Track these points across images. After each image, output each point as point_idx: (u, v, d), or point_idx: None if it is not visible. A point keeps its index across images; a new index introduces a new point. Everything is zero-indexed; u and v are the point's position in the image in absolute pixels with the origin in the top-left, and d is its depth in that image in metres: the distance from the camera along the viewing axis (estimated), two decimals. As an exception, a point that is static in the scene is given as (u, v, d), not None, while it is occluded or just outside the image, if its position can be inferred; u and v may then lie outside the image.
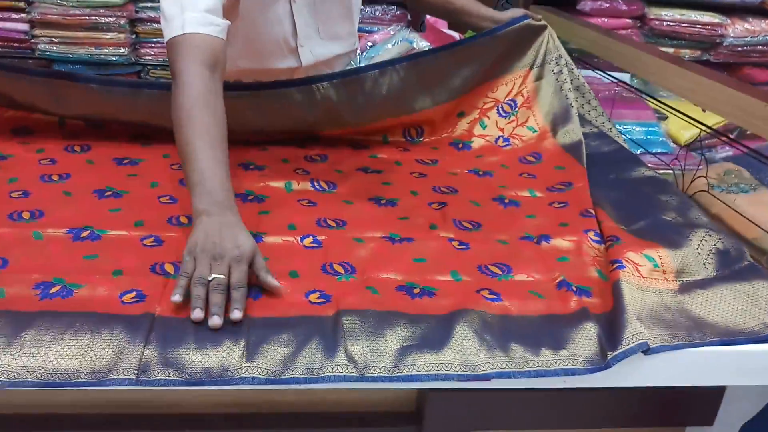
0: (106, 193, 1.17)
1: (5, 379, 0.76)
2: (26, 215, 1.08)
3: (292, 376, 0.80)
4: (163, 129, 1.23)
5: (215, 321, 0.83)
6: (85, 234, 1.04)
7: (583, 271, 1.04)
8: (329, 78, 1.38)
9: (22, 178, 1.20)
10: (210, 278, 0.87)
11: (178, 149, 1.01)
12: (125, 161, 1.30)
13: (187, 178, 0.99)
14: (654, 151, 2.02)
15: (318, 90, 1.37)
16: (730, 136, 1.56)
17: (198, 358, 0.80)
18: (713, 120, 1.57)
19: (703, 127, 1.48)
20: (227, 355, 0.81)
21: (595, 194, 1.25)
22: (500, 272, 1.02)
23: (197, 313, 0.84)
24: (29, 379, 0.77)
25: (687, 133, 2.21)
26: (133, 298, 0.89)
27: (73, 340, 0.80)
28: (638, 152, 1.64)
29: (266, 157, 1.37)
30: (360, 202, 1.22)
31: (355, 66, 1.68)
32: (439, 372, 0.82)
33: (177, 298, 0.85)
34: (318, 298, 0.93)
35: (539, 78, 1.49)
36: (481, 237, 1.12)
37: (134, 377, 0.78)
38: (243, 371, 0.79)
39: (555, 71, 1.49)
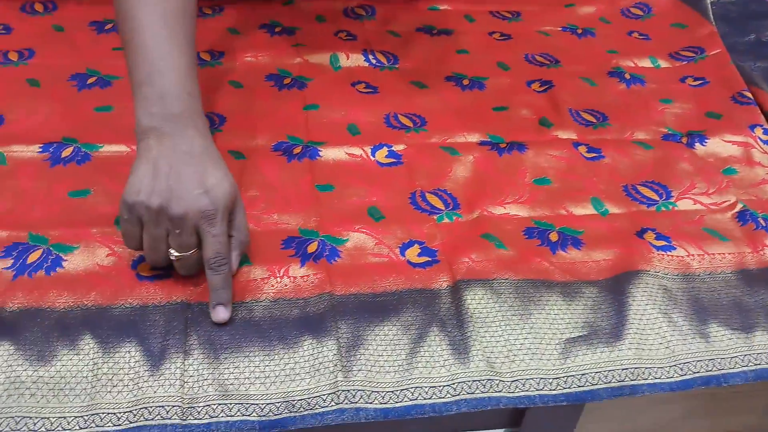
0: (89, 81, 0.83)
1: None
2: (-23, 123, 0.75)
3: (412, 402, 0.53)
4: None
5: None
6: (67, 153, 0.71)
7: (763, 191, 0.75)
8: None
9: (-36, 59, 0.84)
10: (170, 254, 0.57)
11: (117, 23, 0.65)
12: (108, 26, 0.93)
13: (130, 74, 0.63)
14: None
15: None
16: None
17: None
18: None
19: None
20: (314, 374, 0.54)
21: (741, 66, 0.93)
22: (656, 197, 0.73)
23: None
24: None
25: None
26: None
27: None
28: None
29: (294, 14, 1.01)
30: (435, 83, 0.89)
31: None
32: (622, 382, 0.56)
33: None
34: (419, 255, 0.64)
35: None
36: (613, 137, 0.82)
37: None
38: (338, 400, 0.53)
39: None
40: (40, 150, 0.72)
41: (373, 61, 0.92)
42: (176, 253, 0.56)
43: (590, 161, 0.78)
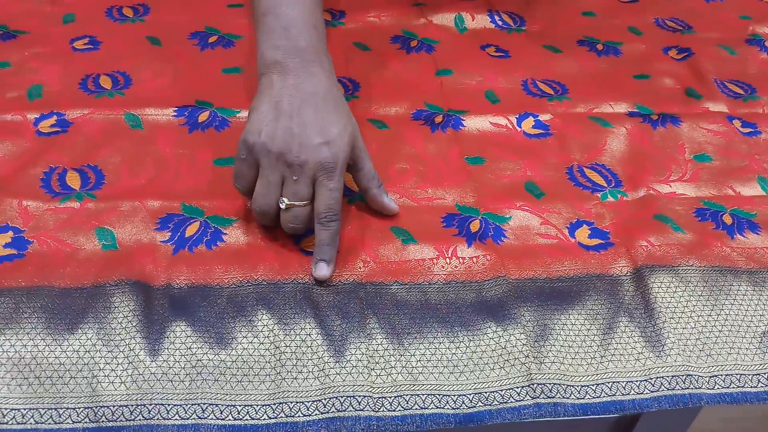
0: (210, 39, 0.79)
1: None
2: (106, 83, 0.71)
3: (610, 398, 0.50)
4: None
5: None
6: (203, 118, 0.68)
7: None
8: None
9: (81, 15, 0.80)
10: (282, 204, 0.54)
11: None
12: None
13: (253, 4, 0.60)
14: None
15: None
16: None
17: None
18: None
19: None
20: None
21: None
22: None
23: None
24: None
25: None
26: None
27: None
28: None
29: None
30: (568, 48, 0.84)
31: None
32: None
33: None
34: (589, 236, 0.60)
35: None
36: (766, 111, 0.76)
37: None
38: (533, 393, 0.50)
39: None
40: (175, 114, 0.68)
41: (500, 23, 0.87)
42: (288, 201, 0.53)
43: (747, 137, 0.73)
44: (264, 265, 0.55)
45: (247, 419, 0.47)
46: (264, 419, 0.47)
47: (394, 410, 0.48)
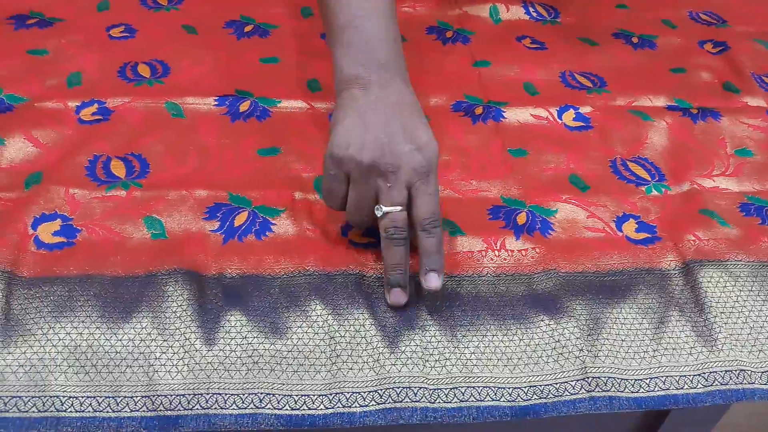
0: (246, 29, 0.79)
1: None
2: (144, 71, 0.71)
3: (664, 392, 0.50)
4: None
5: (396, 297, 0.52)
6: (245, 107, 0.68)
7: None
8: None
9: (115, 2, 0.80)
10: (378, 211, 0.52)
11: None
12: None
13: (329, 17, 0.58)
14: None
15: None
16: None
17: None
18: None
19: None
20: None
21: None
22: None
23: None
24: None
25: None
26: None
27: None
28: None
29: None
30: (604, 40, 0.84)
31: None
32: None
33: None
34: (636, 230, 0.60)
35: None
36: (806, 107, 0.76)
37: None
38: (588, 387, 0.50)
39: None
40: (216, 103, 0.68)
41: (534, 14, 0.87)
42: (385, 208, 0.51)
43: (788, 132, 0.73)
44: (314, 256, 0.55)
45: (304, 409, 0.47)
46: (321, 409, 0.47)
47: (450, 402, 0.48)
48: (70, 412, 0.45)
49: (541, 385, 0.49)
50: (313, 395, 0.48)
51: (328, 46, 0.60)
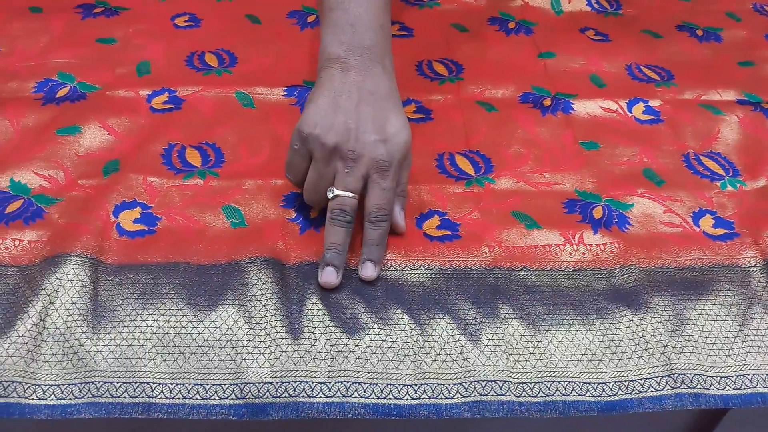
0: (308, 19, 0.79)
1: None
2: (211, 60, 0.71)
3: (752, 390, 0.49)
4: None
5: (327, 276, 0.51)
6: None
7: None
8: None
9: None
10: (330, 192, 0.53)
11: None
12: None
13: (319, 0, 0.59)
14: None
15: None
16: None
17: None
18: None
19: None
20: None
21: None
22: None
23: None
24: None
25: None
26: None
27: None
28: None
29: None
30: (668, 33, 0.83)
31: None
32: None
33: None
34: (714, 226, 0.60)
35: None
36: None
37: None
38: (674, 383, 0.49)
39: None
40: (285, 93, 0.68)
41: (596, 6, 0.86)
42: (337, 191, 0.52)
43: None
44: (391, 250, 0.55)
45: (390, 398, 0.47)
46: (406, 399, 0.47)
47: (536, 396, 0.48)
48: (161, 398, 0.46)
49: (626, 381, 0.49)
50: (399, 385, 0.48)
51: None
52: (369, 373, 0.48)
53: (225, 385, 0.47)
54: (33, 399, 0.45)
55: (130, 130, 0.63)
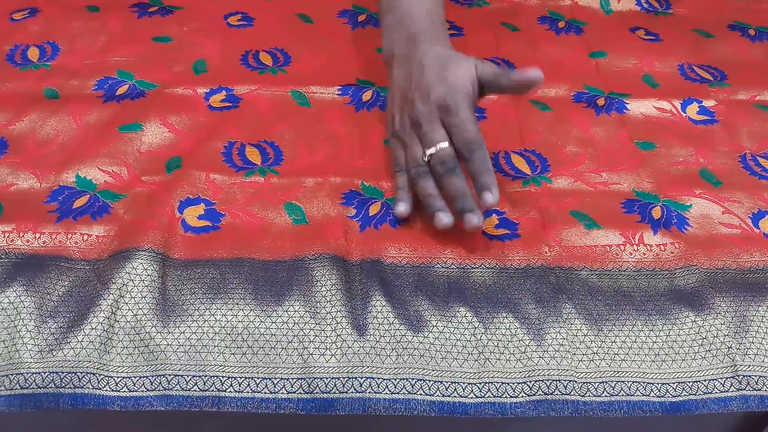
0: (359, 18, 0.79)
1: None
2: (266, 59, 0.72)
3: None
4: None
5: (469, 222, 0.53)
6: (367, 97, 0.68)
7: None
8: None
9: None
10: (425, 157, 0.56)
11: None
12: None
13: (378, 5, 0.66)
14: None
15: None
16: None
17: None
18: None
19: None
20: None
21: None
22: None
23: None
24: None
25: None
26: None
27: None
28: None
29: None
30: (719, 33, 0.82)
31: None
32: None
33: (402, 208, 0.56)
34: (772, 226, 0.59)
35: None
36: None
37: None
38: (739, 385, 0.49)
39: None
40: (339, 92, 0.69)
41: (645, 5, 0.85)
42: (428, 152, 0.55)
43: None
44: (451, 249, 0.55)
45: (455, 396, 0.47)
46: (471, 398, 0.47)
47: (600, 396, 0.48)
48: (230, 392, 0.47)
49: (689, 382, 0.49)
50: (463, 383, 0.48)
51: None
52: (433, 370, 0.48)
53: (293, 379, 0.47)
54: (106, 390, 0.46)
55: (190, 128, 0.64)
